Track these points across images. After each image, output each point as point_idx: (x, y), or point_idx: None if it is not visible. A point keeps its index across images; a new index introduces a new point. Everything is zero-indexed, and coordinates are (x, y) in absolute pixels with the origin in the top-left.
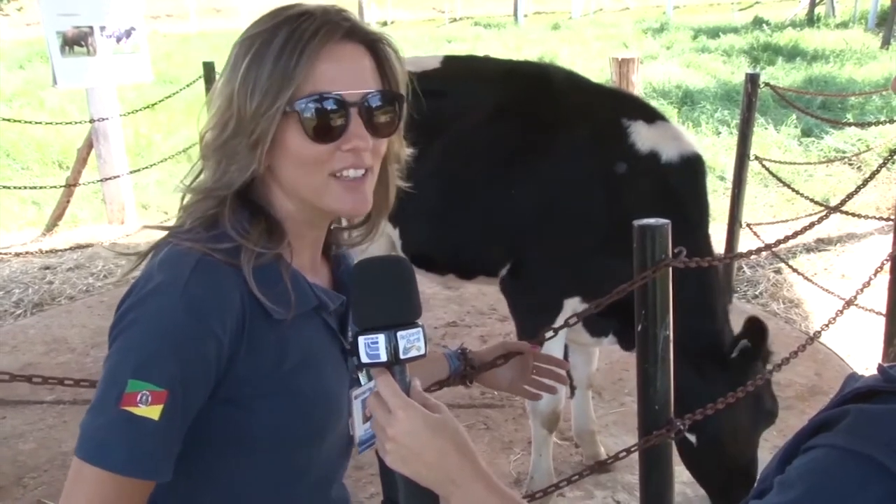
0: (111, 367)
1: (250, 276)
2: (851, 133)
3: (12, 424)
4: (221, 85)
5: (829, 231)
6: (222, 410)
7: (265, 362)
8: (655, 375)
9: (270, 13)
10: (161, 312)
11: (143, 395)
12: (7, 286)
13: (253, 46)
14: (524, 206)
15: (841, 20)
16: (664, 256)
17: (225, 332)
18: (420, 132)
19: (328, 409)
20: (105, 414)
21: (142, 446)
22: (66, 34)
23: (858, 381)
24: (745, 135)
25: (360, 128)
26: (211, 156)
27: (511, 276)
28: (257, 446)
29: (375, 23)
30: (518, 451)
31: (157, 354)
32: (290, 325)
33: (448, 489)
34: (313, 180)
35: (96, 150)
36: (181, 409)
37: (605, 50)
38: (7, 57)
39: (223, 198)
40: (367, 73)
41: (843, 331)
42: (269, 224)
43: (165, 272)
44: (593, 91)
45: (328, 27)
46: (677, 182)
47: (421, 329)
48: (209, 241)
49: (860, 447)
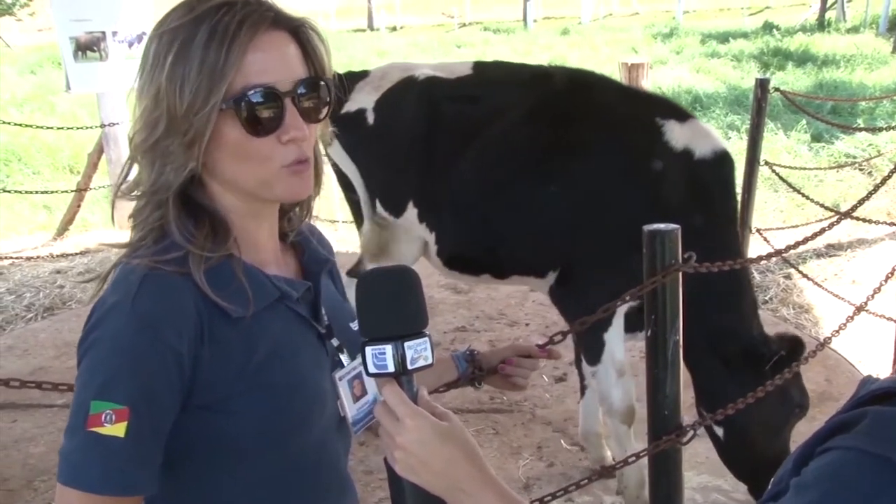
0: (77, 391)
1: (202, 281)
2: (862, 138)
3: (23, 428)
4: (145, 83)
5: (839, 236)
6: (201, 417)
7: (232, 362)
8: (665, 380)
9: (183, 6)
10: (115, 332)
11: (107, 415)
12: (18, 290)
13: (175, 41)
14: (568, 209)
15: (852, 25)
16: (674, 261)
17: (182, 340)
18: (457, 136)
19: (308, 397)
20: (76, 437)
21: (112, 464)
22: (79, 39)
23: (874, 383)
24: (755, 140)
25: (296, 118)
26: (143, 157)
27: (560, 284)
28: (244, 447)
29: (385, 28)
30: (527, 457)
31: (115, 373)
32: (253, 321)
33: (457, 497)
34: (259, 173)
35: (107, 154)
36: (148, 423)
37: (614, 55)
38: (19, 62)
39: (164, 201)
40: (294, 60)
41: (854, 336)
42: (213, 224)
43: (116, 292)
44: (625, 92)
45: (253, 18)
46: (711, 177)
47: (428, 339)
48: (157, 253)
49: (878, 449)
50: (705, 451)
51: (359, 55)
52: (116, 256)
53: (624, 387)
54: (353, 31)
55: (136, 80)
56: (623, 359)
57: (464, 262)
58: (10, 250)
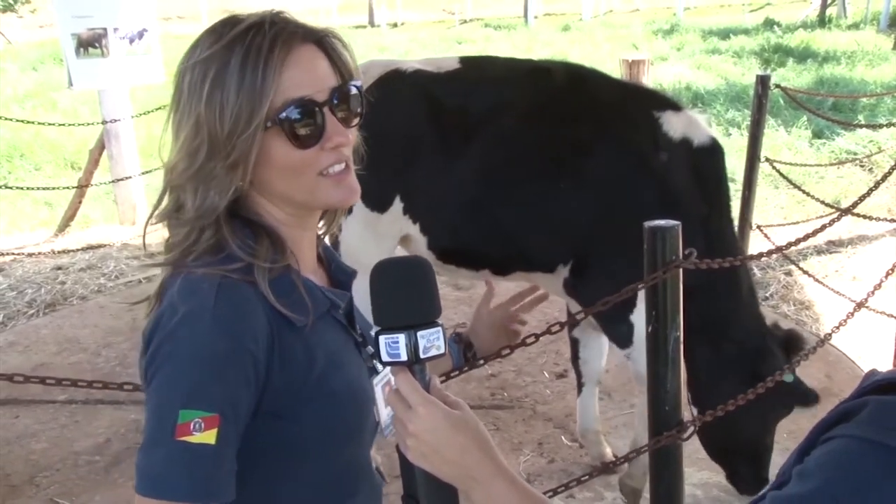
0: (158, 403)
1: (268, 291)
2: (863, 134)
3: (25, 423)
4: (182, 114)
5: (840, 233)
6: (268, 424)
7: (298, 371)
8: (666, 376)
9: (210, 35)
10: (196, 340)
11: (196, 423)
12: (20, 286)
13: (209, 70)
14: (577, 205)
15: (853, 21)
16: (674, 258)
17: (258, 348)
18: (448, 130)
19: (361, 404)
20: (162, 448)
21: (203, 472)
22: (81, 36)
23: (879, 375)
24: (755, 136)
25: (336, 124)
26: (186, 184)
27: (574, 276)
28: (308, 452)
29: (386, 24)
30: (528, 453)
31: (201, 381)
32: (310, 331)
33: (468, 484)
34: (305, 183)
35: (108, 151)
36: (234, 429)
37: (615, 51)
38: (20, 58)
39: (211, 224)
40: (325, 70)
41: (854, 333)
42: (270, 237)
43: (188, 302)
44: (619, 86)
45: (283, 37)
46: (706, 165)
47: (440, 328)
48: (220, 263)
49: (879, 437)
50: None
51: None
52: (116, 252)
53: None
54: (354, 28)
55: (170, 113)
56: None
57: (461, 257)
58: (11, 246)
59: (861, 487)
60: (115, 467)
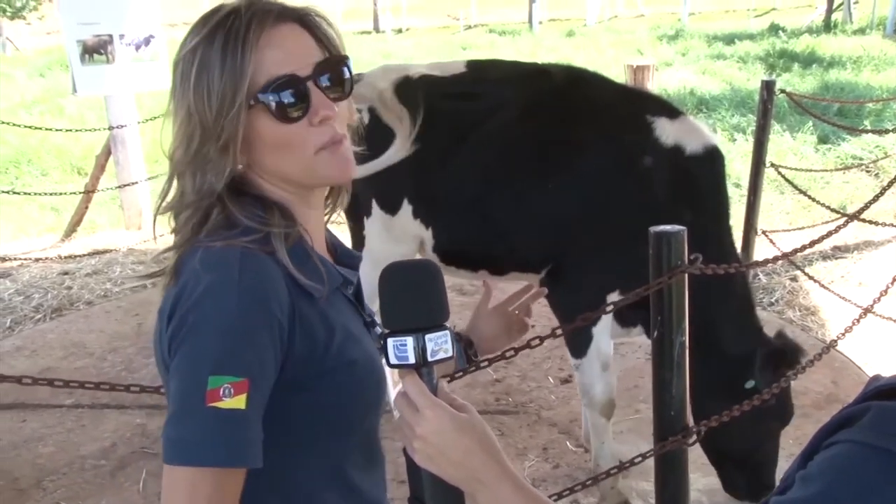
0: (186, 372)
1: (286, 259)
2: (869, 140)
3: (32, 428)
4: (177, 103)
5: (846, 239)
6: (291, 396)
7: (317, 341)
8: (671, 381)
9: (196, 25)
10: (223, 308)
11: (226, 389)
12: (27, 291)
13: (195, 58)
14: (560, 205)
15: (858, 26)
16: (680, 263)
17: (283, 315)
18: (453, 132)
19: (378, 376)
20: (193, 416)
21: (237, 436)
22: (86, 42)
23: (881, 381)
24: (760, 142)
25: (322, 98)
26: (185, 170)
27: (551, 277)
28: (330, 425)
29: (391, 30)
30: (532, 458)
31: (230, 347)
32: (326, 303)
33: (474, 487)
34: (300, 160)
35: (114, 156)
36: (262, 394)
37: (619, 57)
38: (28, 65)
39: (212, 205)
40: (308, 46)
41: (860, 339)
42: (280, 209)
43: (212, 272)
44: (617, 89)
45: (259, 16)
46: (699, 172)
47: (448, 331)
48: (237, 236)
49: (881, 442)
50: None
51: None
52: (123, 258)
53: (606, 380)
54: (358, 34)
55: (168, 104)
56: (609, 353)
57: (461, 258)
58: (18, 251)
59: (863, 492)
60: (120, 471)
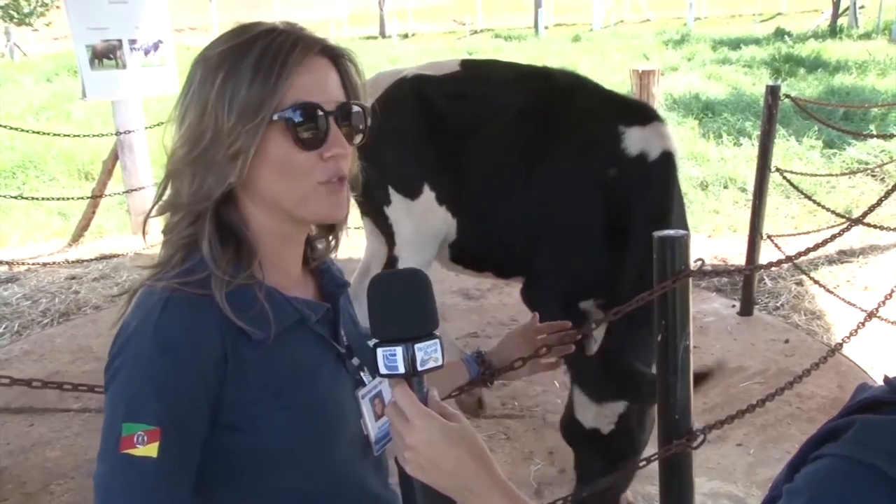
0: (107, 416)
1: (224, 304)
2: (874, 144)
3: (39, 432)
4: (190, 100)
5: (851, 243)
6: (229, 436)
7: (254, 384)
8: (675, 385)
9: (235, 31)
10: (138, 355)
11: (139, 436)
12: (34, 296)
13: (225, 61)
14: (533, 212)
15: (864, 31)
16: (684, 267)
17: (206, 361)
18: (451, 131)
19: (327, 417)
20: (107, 460)
21: (144, 485)
22: (96, 47)
23: (867, 391)
24: (766, 146)
25: (339, 135)
26: (184, 170)
27: (527, 286)
28: (270, 465)
29: (397, 35)
30: (539, 462)
31: (142, 395)
32: (273, 343)
33: (465, 497)
34: (299, 189)
35: (121, 161)
36: (177, 443)
37: (625, 62)
38: (35, 70)
39: (202, 214)
40: (336, 85)
41: (866, 343)
42: (238, 248)
43: (138, 316)
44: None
45: (305, 42)
46: (655, 177)
47: (438, 340)
48: (181, 275)
49: (864, 457)
50: (716, 456)
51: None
52: (139, 271)
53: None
54: (365, 39)
55: (178, 100)
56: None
57: (467, 258)
58: (26, 256)
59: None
60: None
